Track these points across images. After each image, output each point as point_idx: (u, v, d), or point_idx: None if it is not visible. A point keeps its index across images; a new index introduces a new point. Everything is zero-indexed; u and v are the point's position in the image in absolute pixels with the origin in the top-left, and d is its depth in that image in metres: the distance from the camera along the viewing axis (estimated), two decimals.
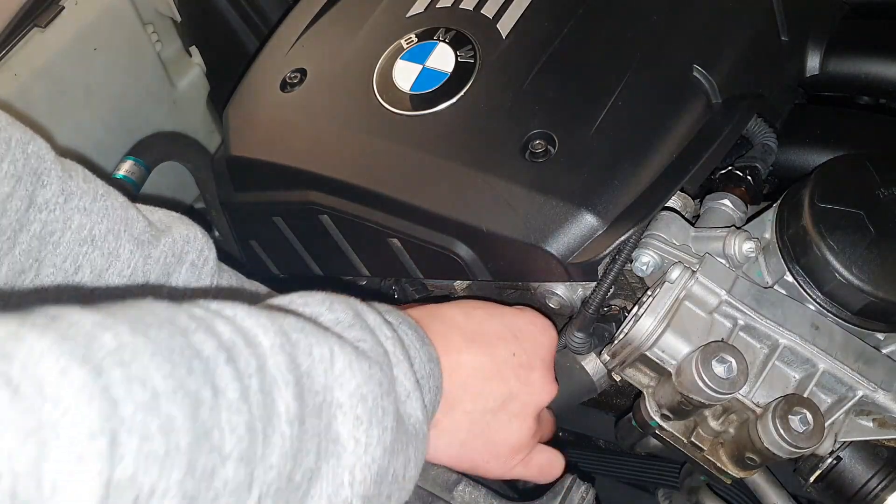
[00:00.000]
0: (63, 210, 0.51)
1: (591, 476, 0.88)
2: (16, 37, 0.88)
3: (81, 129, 0.98)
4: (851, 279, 0.57)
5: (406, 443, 0.44)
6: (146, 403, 0.29)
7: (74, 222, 0.51)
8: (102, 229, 0.52)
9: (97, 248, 0.52)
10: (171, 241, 0.56)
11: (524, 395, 0.57)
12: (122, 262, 0.53)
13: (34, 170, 0.50)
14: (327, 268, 0.84)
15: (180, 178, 1.10)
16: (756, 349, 0.60)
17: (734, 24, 0.74)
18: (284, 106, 0.81)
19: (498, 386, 0.56)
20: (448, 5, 0.80)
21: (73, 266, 0.51)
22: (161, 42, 1.07)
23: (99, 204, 0.53)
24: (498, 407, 0.56)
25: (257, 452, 0.34)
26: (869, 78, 0.79)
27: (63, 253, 0.51)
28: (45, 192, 0.50)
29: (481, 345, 0.56)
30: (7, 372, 0.26)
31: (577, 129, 0.67)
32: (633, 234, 0.63)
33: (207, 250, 0.58)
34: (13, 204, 0.48)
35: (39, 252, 0.50)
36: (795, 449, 0.55)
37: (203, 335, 0.34)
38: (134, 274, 0.53)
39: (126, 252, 0.53)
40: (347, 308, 0.46)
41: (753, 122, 0.73)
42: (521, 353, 0.58)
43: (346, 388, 0.40)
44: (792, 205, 0.62)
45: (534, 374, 0.58)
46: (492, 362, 0.56)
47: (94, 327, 0.30)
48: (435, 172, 0.70)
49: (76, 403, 0.27)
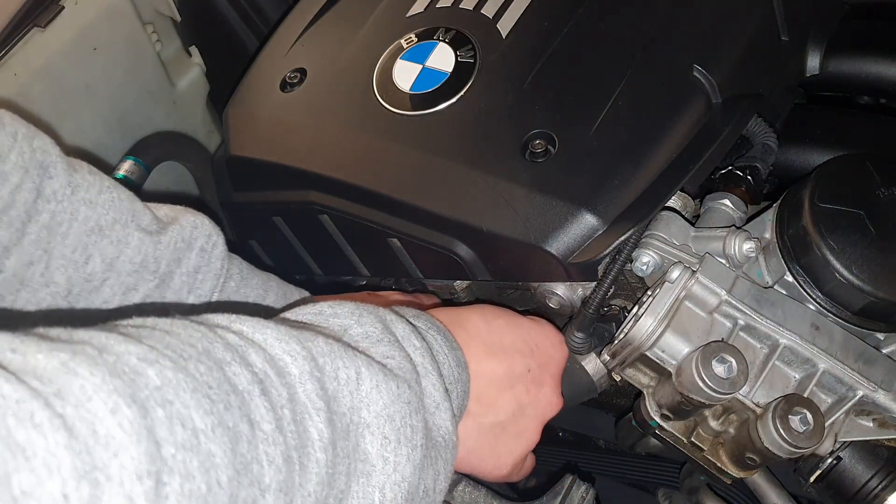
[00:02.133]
0: (70, 202, 0.51)
1: (591, 476, 0.88)
2: (16, 37, 0.88)
3: (81, 128, 0.98)
4: (851, 279, 0.57)
5: (436, 457, 0.45)
6: (187, 442, 0.30)
7: (81, 214, 0.52)
8: (109, 220, 0.53)
9: (106, 237, 0.52)
10: (178, 227, 0.56)
11: (533, 410, 0.58)
12: (132, 249, 0.53)
13: (40, 163, 0.50)
14: (327, 268, 0.84)
15: (180, 178, 1.10)
16: (756, 349, 0.60)
17: (734, 24, 0.74)
18: (284, 106, 0.81)
19: (510, 399, 0.57)
20: (448, 5, 0.80)
21: (82, 256, 0.51)
22: (161, 42, 1.07)
23: (105, 196, 0.53)
24: (508, 420, 0.57)
25: (295, 481, 0.35)
26: (869, 78, 0.79)
27: (72, 243, 0.51)
28: (53, 184, 0.51)
29: (500, 357, 0.57)
30: (63, 411, 0.27)
31: (577, 129, 0.67)
32: (633, 234, 0.63)
33: (216, 235, 0.59)
34: (21, 195, 0.49)
35: (48, 242, 0.50)
36: (795, 449, 0.55)
37: (238, 367, 0.35)
38: (145, 261, 0.53)
39: (135, 240, 0.53)
40: (376, 321, 0.46)
41: (753, 122, 0.73)
42: (535, 369, 0.59)
43: (372, 408, 0.41)
44: (792, 205, 0.62)
45: (544, 390, 0.59)
46: (508, 375, 0.57)
47: (140, 362, 0.31)
48: (435, 172, 0.69)
49: (125, 445, 0.28)
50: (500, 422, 0.56)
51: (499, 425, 0.56)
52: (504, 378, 0.56)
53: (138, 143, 1.02)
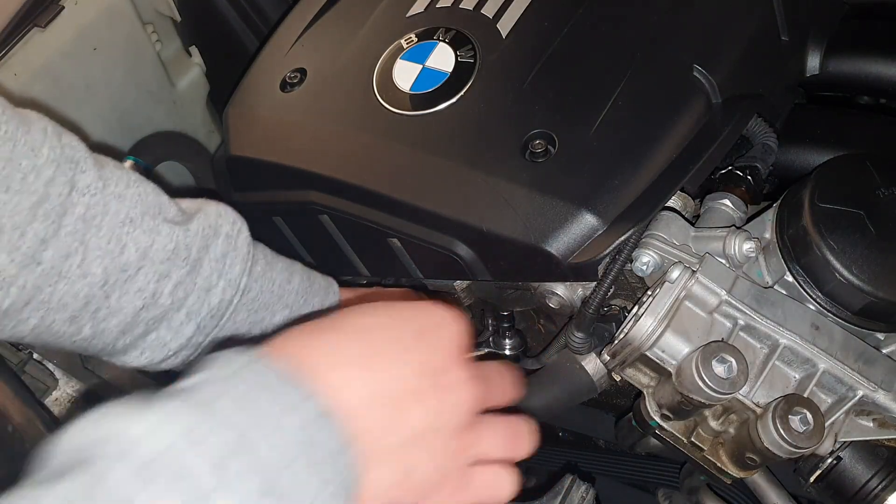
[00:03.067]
0: (102, 195, 0.53)
1: (591, 476, 0.88)
2: (16, 37, 0.88)
3: (81, 129, 0.98)
4: (851, 279, 0.57)
5: None
6: None
7: (112, 207, 0.53)
8: (138, 212, 0.54)
9: (138, 228, 0.54)
10: (204, 216, 0.58)
11: (442, 404, 0.43)
12: (163, 237, 0.55)
13: (70, 157, 0.52)
14: (327, 268, 0.84)
15: (180, 178, 1.10)
16: (756, 349, 0.60)
17: (734, 24, 0.74)
18: (284, 106, 0.81)
19: (412, 408, 0.42)
20: (448, 5, 0.80)
21: (117, 246, 0.53)
22: (161, 42, 1.07)
23: (132, 190, 0.55)
24: (417, 435, 0.42)
25: None
26: (869, 78, 0.79)
27: (107, 235, 0.52)
28: (85, 178, 0.52)
29: (378, 368, 0.42)
30: None
31: (577, 129, 0.67)
32: (633, 234, 0.63)
33: (240, 222, 0.60)
34: (55, 188, 0.50)
35: (84, 234, 0.51)
36: (795, 449, 0.55)
37: None
38: (177, 248, 0.55)
39: (166, 229, 0.55)
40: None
41: (753, 122, 0.73)
42: (429, 355, 0.44)
43: None
44: (792, 205, 0.62)
45: (448, 377, 0.44)
46: (395, 382, 0.42)
47: None
48: (435, 172, 0.69)
49: None
50: (409, 438, 0.41)
51: (408, 443, 0.41)
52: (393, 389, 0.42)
53: (138, 143, 1.02)
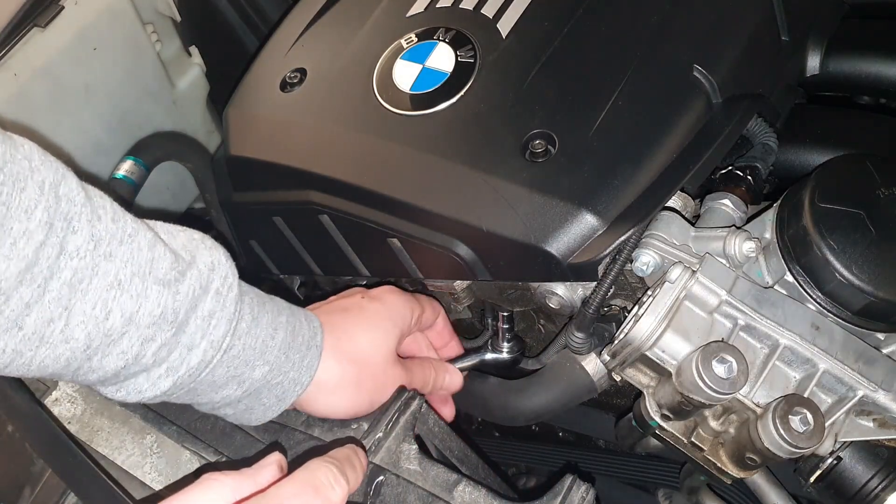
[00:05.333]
0: (92, 257, 0.50)
1: (591, 476, 0.88)
2: (16, 37, 0.88)
3: (81, 129, 0.98)
4: (852, 279, 0.57)
5: None
6: None
7: (101, 268, 0.50)
8: (128, 273, 0.51)
9: (125, 292, 0.51)
10: (196, 272, 0.55)
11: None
12: (151, 302, 0.52)
13: (65, 214, 0.49)
14: (327, 268, 0.84)
15: (180, 178, 1.10)
16: (756, 349, 0.60)
17: (734, 24, 0.74)
18: (284, 106, 0.81)
19: None
20: (448, 5, 0.80)
21: (103, 312, 0.50)
22: (161, 42, 1.07)
23: (125, 248, 0.51)
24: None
25: None
26: (869, 78, 0.79)
27: (92, 300, 0.50)
28: (76, 239, 0.49)
29: None
30: None
31: (577, 129, 0.67)
32: (633, 234, 0.63)
33: (231, 276, 0.57)
34: (45, 252, 0.47)
35: (70, 299, 0.49)
36: (796, 449, 0.55)
37: None
38: (164, 313, 0.52)
39: (154, 293, 0.52)
40: None
41: (753, 121, 0.73)
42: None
43: None
44: (792, 205, 0.62)
45: None
46: None
47: None
48: (435, 172, 0.69)
49: None
50: None
51: None
52: None
53: (138, 143, 1.02)
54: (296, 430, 0.64)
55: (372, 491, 0.58)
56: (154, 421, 0.67)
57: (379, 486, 0.58)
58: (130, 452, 0.65)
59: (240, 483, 0.48)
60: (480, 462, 0.68)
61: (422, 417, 0.63)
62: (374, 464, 0.59)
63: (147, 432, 0.66)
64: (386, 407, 0.63)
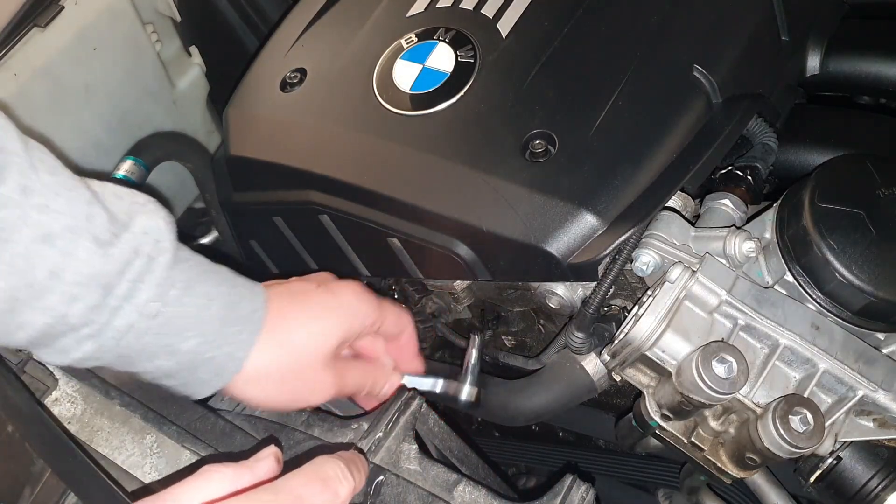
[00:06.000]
0: (21, 207, 0.50)
1: (591, 476, 0.88)
2: (16, 37, 0.88)
3: (81, 128, 0.98)
4: (852, 279, 0.57)
5: None
6: None
7: (32, 219, 0.50)
8: (60, 226, 0.51)
9: (54, 247, 0.51)
10: (130, 236, 0.54)
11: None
12: (79, 260, 0.51)
13: None
14: (327, 268, 0.84)
15: (180, 178, 1.10)
16: (756, 349, 0.60)
17: (734, 24, 0.74)
18: (284, 106, 0.81)
19: None
20: (448, 5, 0.80)
21: (27, 263, 0.50)
22: (161, 42, 1.07)
23: (60, 201, 0.51)
24: None
25: None
26: (869, 78, 0.79)
27: (18, 251, 0.50)
28: (2, 189, 0.49)
29: None
30: None
31: (577, 129, 0.67)
32: (633, 234, 0.63)
33: (166, 241, 0.56)
34: None
35: None
36: (796, 449, 0.55)
37: None
38: (93, 273, 0.52)
39: (83, 252, 0.52)
40: None
41: (753, 122, 0.73)
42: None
43: None
44: (792, 205, 0.62)
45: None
46: None
47: None
48: (435, 172, 0.69)
49: None
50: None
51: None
52: None
53: (138, 143, 1.02)
54: (296, 430, 0.64)
55: (372, 491, 0.58)
56: (154, 421, 0.67)
57: (379, 486, 0.58)
58: (130, 452, 0.65)
59: (239, 474, 0.48)
60: (480, 462, 0.68)
61: (422, 417, 0.63)
62: (374, 464, 0.59)
63: (147, 432, 0.66)
64: (386, 407, 0.63)
